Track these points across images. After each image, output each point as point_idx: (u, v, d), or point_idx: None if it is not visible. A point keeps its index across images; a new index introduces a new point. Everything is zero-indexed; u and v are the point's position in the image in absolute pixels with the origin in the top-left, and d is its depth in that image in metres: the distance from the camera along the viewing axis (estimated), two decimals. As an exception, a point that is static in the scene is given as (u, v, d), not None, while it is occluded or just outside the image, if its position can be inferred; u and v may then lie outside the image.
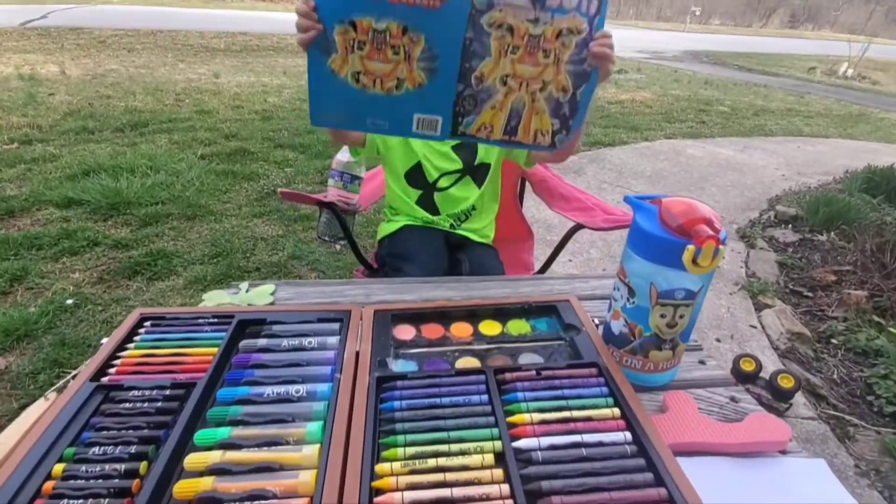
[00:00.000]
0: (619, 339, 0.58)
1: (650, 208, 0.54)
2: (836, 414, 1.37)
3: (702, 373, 0.62)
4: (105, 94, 4.56)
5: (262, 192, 2.56)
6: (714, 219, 0.51)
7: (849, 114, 6.52)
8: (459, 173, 1.02)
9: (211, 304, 0.68)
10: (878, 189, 2.98)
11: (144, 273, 1.81)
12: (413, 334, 0.62)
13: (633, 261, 0.54)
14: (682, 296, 0.52)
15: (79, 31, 8.42)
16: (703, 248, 0.48)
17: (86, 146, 3.11)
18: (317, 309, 0.65)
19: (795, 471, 0.49)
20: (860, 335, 1.66)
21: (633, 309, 0.55)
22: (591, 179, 3.15)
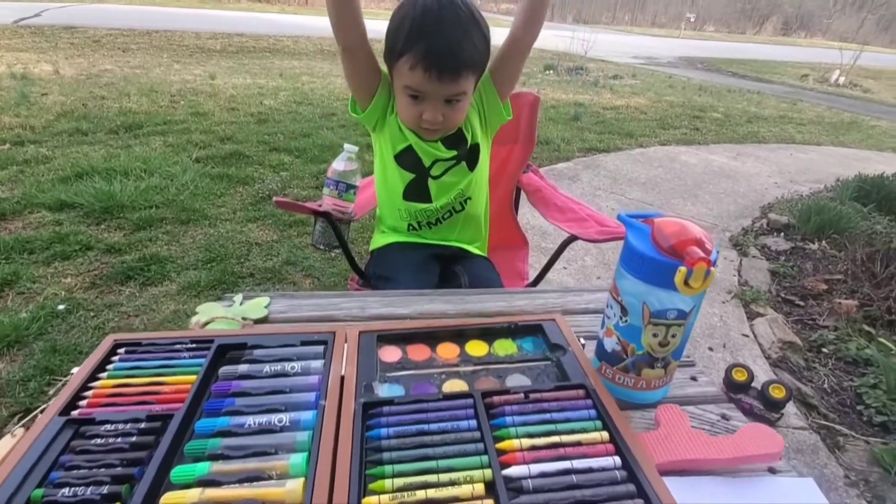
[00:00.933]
0: (611, 356, 0.58)
1: (643, 228, 0.54)
2: (826, 424, 1.38)
3: (694, 389, 0.63)
4: (99, 94, 4.53)
5: (256, 197, 2.55)
6: (706, 239, 0.51)
7: (840, 121, 6.60)
8: (455, 160, 1.00)
9: (204, 318, 0.68)
10: (868, 198, 3.01)
11: (137, 278, 1.80)
12: (399, 356, 0.61)
13: (625, 279, 0.54)
14: (674, 316, 0.53)
15: (73, 30, 8.37)
16: (695, 269, 0.48)
17: (79, 148, 3.09)
18: (299, 331, 0.63)
19: (785, 491, 0.50)
20: (850, 344, 1.68)
21: (625, 327, 0.55)
22: (585, 186, 3.17)
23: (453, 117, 0.92)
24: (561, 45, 8.79)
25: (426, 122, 0.90)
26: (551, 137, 4.10)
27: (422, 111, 0.89)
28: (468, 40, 0.85)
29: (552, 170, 3.43)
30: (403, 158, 0.99)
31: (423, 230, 1.07)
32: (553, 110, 5.32)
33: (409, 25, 0.84)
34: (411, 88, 0.87)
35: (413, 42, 0.83)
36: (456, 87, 0.87)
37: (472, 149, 1.01)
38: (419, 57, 0.83)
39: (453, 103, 0.90)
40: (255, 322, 0.69)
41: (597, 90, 6.89)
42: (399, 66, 0.87)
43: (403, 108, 0.92)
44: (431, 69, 0.83)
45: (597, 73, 8.21)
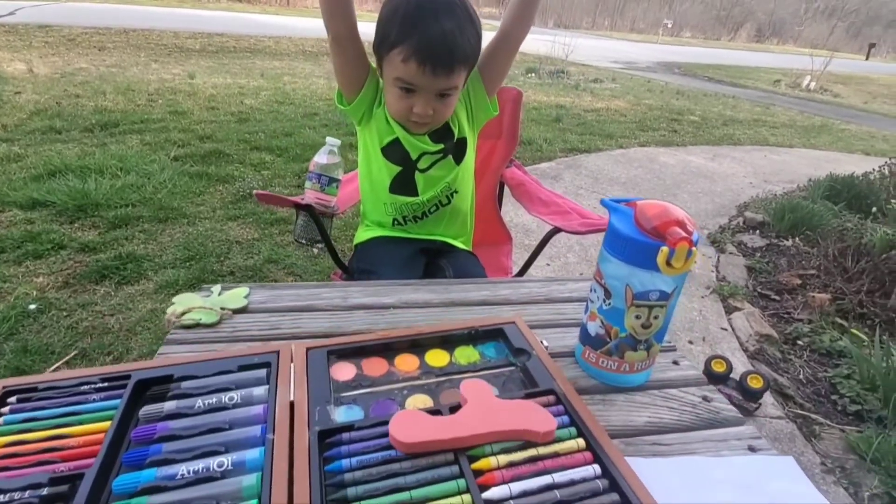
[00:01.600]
0: (595, 340, 0.59)
1: (626, 211, 0.55)
2: (802, 413, 1.42)
3: (675, 373, 0.64)
4: (74, 93, 4.41)
5: (237, 195, 2.51)
6: (687, 221, 0.52)
7: (812, 125, 6.82)
8: (441, 154, 0.99)
9: (181, 308, 0.66)
10: (839, 196, 3.12)
11: (113, 277, 1.75)
12: (354, 373, 0.55)
13: (609, 262, 0.55)
14: (657, 297, 0.53)
15: (47, 29, 8.13)
16: (677, 249, 0.49)
17: (52, 146, 3.00)
18: (236, 354, 0.55)
19: (764, 469, 0.51)
20: (824, 337, 1.73)
21: (609, 310, 0.56)
22: (568, 185, 3.20)
23: (443, 111, 0.91)
24: (542, 49, 8.88)
25: (416, 115, 0.89)
26: (534, 138, 4.13)
27: (412, 104, 0.88)
28: (462, 35, 0.84)
29: (535, 169, 3.46)
30: (390, 151, 0.98)
31: (409, 225, 1.06)
32: (535, 112, 5.37)
33: (402, 16, 0.83)
34: (403, 81, 0.86)
35: (406, 34, 0.82)
36: (448, 82, 0.86)
37: (458, 142, 1.01)
38: (413, 50, 0.81)
39: (444, 97, 0.89)
40: (234, 312, 0.67)
41: (578, 93, 6.99)
42: (391, 58, 0.85)
43: (393, 101, 0.90)
44: (426, 63, 0.82)
45: (577, 76, 8.32)
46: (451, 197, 1.03)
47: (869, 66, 19.79)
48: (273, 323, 0.66)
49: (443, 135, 0.99)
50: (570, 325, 0.70)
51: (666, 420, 0.56)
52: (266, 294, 0.73)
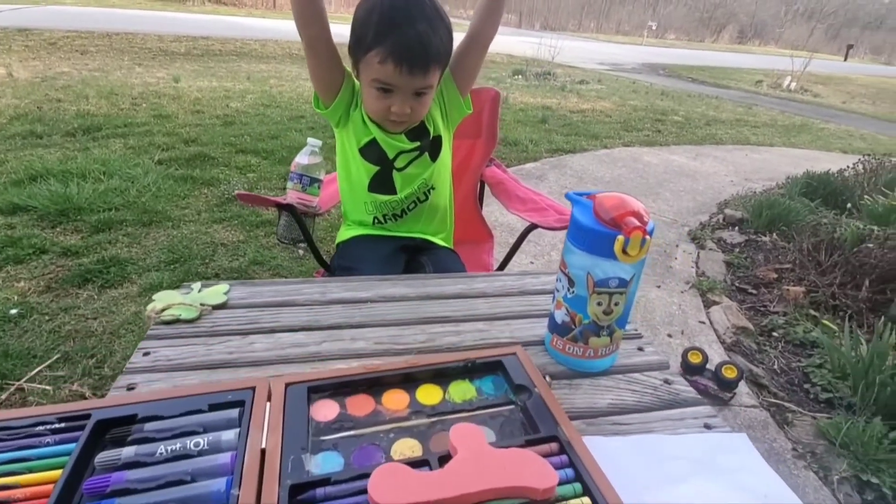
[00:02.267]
0: (561, 327, 0.61)
1: (586, 203, 0.57)
2: (776, 402, 1.46)
3: (640, 358, 0.66)
4: (55, 97, 4.36)
5: (222, 198, 2.50)
6: (643, 212, 0.55)
7: (792, 124, 6.97)
8: (418, 151, 1.02)
9: (161, 304, 0.67)
10: (815, 193, 3.20)
11: (96, 281, 1.75)
12: (337, 412, 0.50)
13: (572, 253, 0.58)
14: (616, 284, 0.56)
15: (27, 33, 8.00)
16: (631, 238, 0.52)
17: (33, 151, 2.97)
18: (208, 390, 0.50)
19: (718, 444, 0.54)
20: (798, 328, 1.78)
21: (573, 298, 0.58)
22: (552, 184, 3.24)
23: (420, 110, 0.94)
24: (529, 51, 8.97)
25: (394, 114, 0.91)
26: (519, 139, 4.18)
27: (390, 104, 0.90)
28: (436, 34, 0.87)
29: (520, 170, 3.50)
30: (368, 151, 1.01)
31: (389, 223, 1.08)
32: (522, 113, 5.42)
33: (377, 19, 0.85)
34: (380, 82, 0.88)
35: (382, 36, 0.85)
36: (424, 81, 0.89)
37: (434, 140, 1.04)
38: (389, 51, 0.84)
39: (420, 96, 0.92)
40: (213, 308, 0.69)
41: (564, 94, 7.07)
42: (368, 60, 0.88)
43: (371, 101, 0.93)
44: (402, 64, 0.84)
45: (564, 78, 8.41)
46: (428, 193, 1.06)
47: (847, 67, 20.27)
48: (252, 318, 0.68)
49: (419, 133, 1.02)
50: (542, 316, 0.73)
51: (628, 402, 0.59)
52: (246, 290, 0.74)
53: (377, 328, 0.68)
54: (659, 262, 2.34)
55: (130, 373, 0.57)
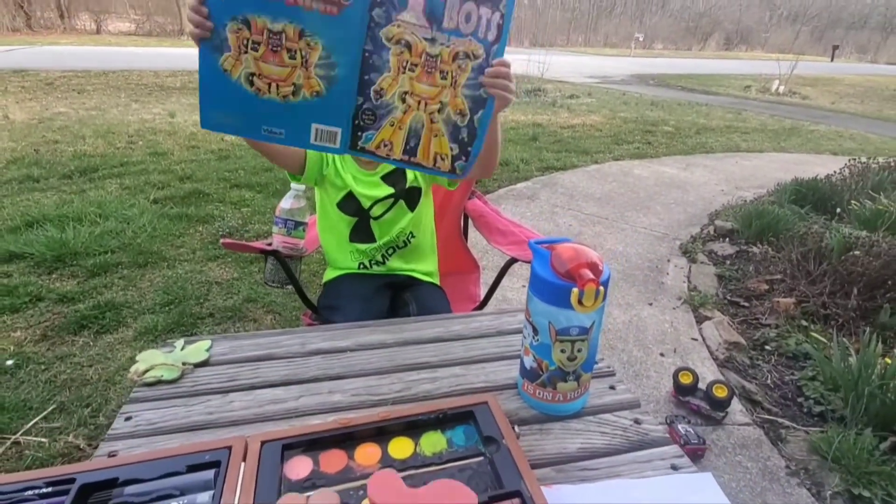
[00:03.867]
0: (530, 373, 0.63)
1: (544, 254, 0.60)
2: (769, 418, 1.46)
3: (611, 398, 0.68)
4: (52, 138, 4.44)
5: (216, 235, 2.54)
6: (598, 262, 0.57)
7: (782, 128, 7.04)
8: (392, 198, 1.06)
9: (143, 365, 0.69)
10: (805, 199, 3.23)
11: (91, 327, 1.76)
12: (310, 469, 0.52)
13: (533, 302, 0.60)
14: (577, 332, 0.58)
15: (23, 74, 8.18)
16: (586, 290, 0.54)
17: (30, 195, 3.02)
18: (189, 451, 0.52)
19: (684, 486, 0.55)
20: (790, 340, 1.79)
21: (538, 346, 0.60)
22: (544, 204, 3.28)
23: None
24: (518, 68, 9.10)
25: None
26: (511, 159, 4.23)
27: None
28: None
29: (512, 190, 3.54)
30: (345, 205, 1.05)
31: (373, 267, 1.11)
32: (513, 132, 5.50)
33: None
34: None
35: None
36: None
37: (410, 190, 1.07)
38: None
39: None
40: (195, 366, 0.71)
41: (554, 110, 7.17)
42: None
43: None
44: None
45: (554, 93, 8.55)
46: (408, 241, 1.09)
47: (834, 68, 20.54)
48: (232, 374, 0.70)
49: (395, 179, 1.05)
50: (517, 357, 0.74)
51: (597, 445, 0.60)
52: (227, 345, 0.76)
53: (354, 379, 0.70)
54: (651, 278, 2.36)
55: (112, 439, 0.59)
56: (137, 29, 19.83)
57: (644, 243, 2.77)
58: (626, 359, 1.71)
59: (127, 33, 19.31)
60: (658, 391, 1.54)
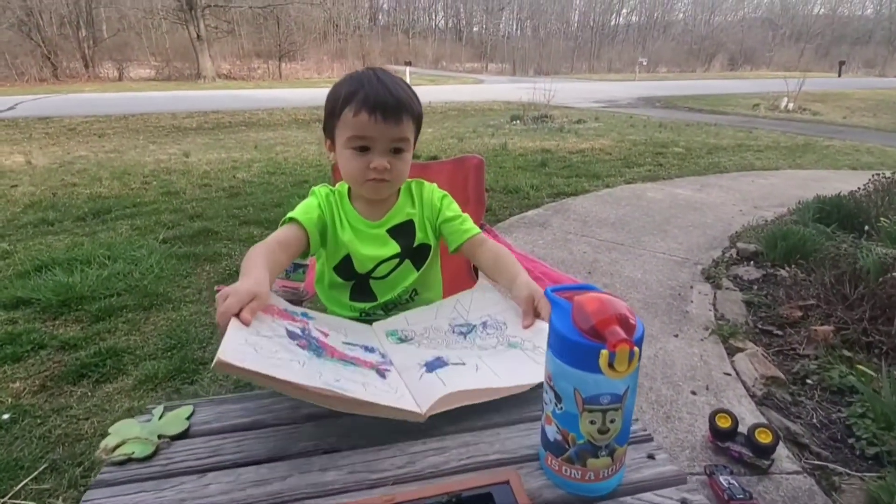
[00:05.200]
0: (554, 446, 0.54)
1: (564, 306, 0.51)
2: (819, 463, 1.32)
3: (650, 471, 0.58)
4: (71, 181, 4.55)
5: (223, 274, 2.50)
6: (629, 314, 0.49)
7: (795, 144, 6.93)
8: (398, 258, 0.98)
9: (115, 440, 0.62)
10: (830, 218, 3.09)
11: (91, 375, 1.70)
12: None
13: (554, 363, 0.51)
14: (608, 401, 0.49)
15: (48, 121, 8.53)
16: (617, 352, 0.45)
17: (43, 239, 3.04)
18: None
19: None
20: (833, 372, 1.64)
21: (562, 415, 0.51)
22: (556, 231, 3.20)
23: (399, 167, 0.92)
24: (525, 96, 9.22)
25: (374, 171, 0.89)
26: (520, 186, 4.19)
27: (369, 160, 0.89)
28: (404, 92, 0.90)
29: (522, 218, 3.47)
30: (342, 269, 0.98)
31: (375, 316, 1.04)
32: (521, 158, 5.48)
33: (346, 87, 0.89)
34: (357, 138, 0.88)
35: (354, 93, 0.87)
36: (399, 131, 0.88)
37: (419, 248, 1.00)
38: (362, 102, 0.86)
39: (398, 153, 0.91)
40: (172, 439, 0.63)
41: (562, 135, 7.17)
42: (342, 119, 0.88)
43: (348, 163, 0.90)
44: (376, 111, 0.85)
45: (561, 119, 8.59)
46: (413, 297, 1.02)
47: (843, 83, 20.45)
48: (213, 448, 0.62)
49: (404, 233, 0.98)
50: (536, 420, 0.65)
51: (639, 536, 0.50)
52: (211, 412, 0.68)
53: (350, 453, 0.61)
54: (674, 307, 2.23)
55: (69, 536, 0.51)
56: (157, 74, 20.80)
57: (664, 269, 2.66)
58: (654, 398, 1.58)
59: (147, 79, 20.25)
60: (692, 435, 1.41)
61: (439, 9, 44.86)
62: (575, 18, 43.35)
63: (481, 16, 43.22)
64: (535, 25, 42.47)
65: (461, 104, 11.40)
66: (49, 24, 19.30)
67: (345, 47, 29.02)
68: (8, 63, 17.26)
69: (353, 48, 29.12)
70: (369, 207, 0.98)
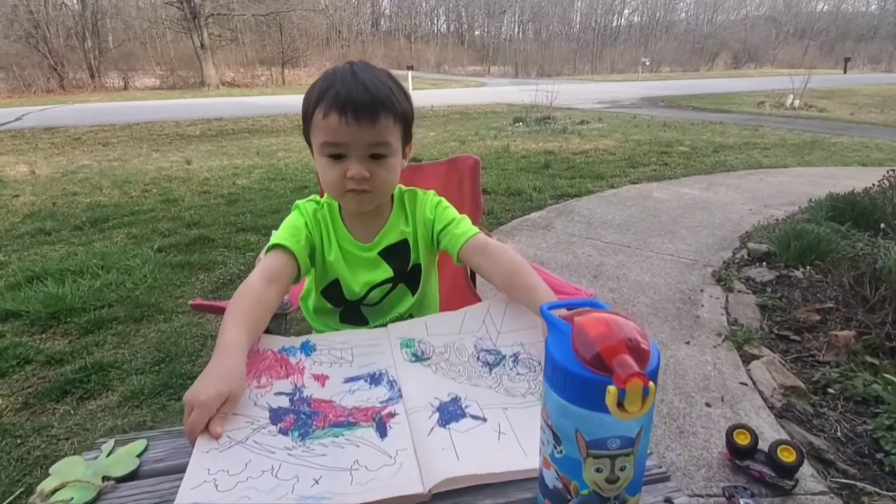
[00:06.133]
0: (554, 495, 0.45)
1: (563, 328, 0.43)
2: (847, 482, 1.22)
3: (668, 518, 0.49)
4: (72, 190, 4.52)
5: (217, 283, 2.44)
6: (641, 339, 0.41)
7: (803, 142, 6.79)
8: (391, 283, 0.89)
9: (53, 483, 0.54)
10: (844, 216, 2.98)
11: (75, 392, 1.64)
12: None
13: (552, 398, 0.43)
14: (618, 445, 0.41)
15: (53, 131, 8.57)
16: (628, 389, 0.37)
17: (39, 249, 3.00)
18: None
19: None
20: (856, 381, 1.54)
21: (562, 459, 0.43)
22: (560, 233, 3.11)
23: (382, 176, 0.80)
24: (527, 98, 9.15)
25: (352, 180, 0.78)
26: (523, 188, 4.10)
27: (345, 169, 0.78)
28: (383, 85, 0.78)
29: (525, 220, 3.39)
30: (329, 294, 0.91)
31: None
32: (524, 160, 5.40)
33: (320, 84, 0.79)
34: (329, 144, 0.77)
35: (325, 92, 0.76)
36: (376, 134, 0.76)
37: (414, 270, 0.91)
38: (331, 102, 0.75)
39: (379, 159, 0.79)
40: (118, 481, 0.55)
41: (565, 136, 7.08)
42: (314, 124, 0.78)
43: (325, 173, 0.80)
44: (346, 111, 0.74)
45: (564, 120, 8.49)
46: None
47: (849, 79, 20.21)
48: (162, 493, 0.54)
49: (397, 255, 0.89)
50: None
51: None
52: (166, 446, 0.61)
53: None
54: (684, 311, 2.14)
55: None
56: (162, 83, 20.97)
57: (672, 272, 2.56)
58: (665, 412, 1.49)
59: (152, 88, 20.41)
60: (708, 452, 1.32)
61: (441, 13, 45.03)
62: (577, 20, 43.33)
63: (483, 19, 43.32)
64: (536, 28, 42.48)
65: (463, 107, 11.34)
66: (56, 36, 19.51)
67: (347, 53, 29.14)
68: (16, 75, 17.47)
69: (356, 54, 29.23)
70: (360, 225, 0.89)
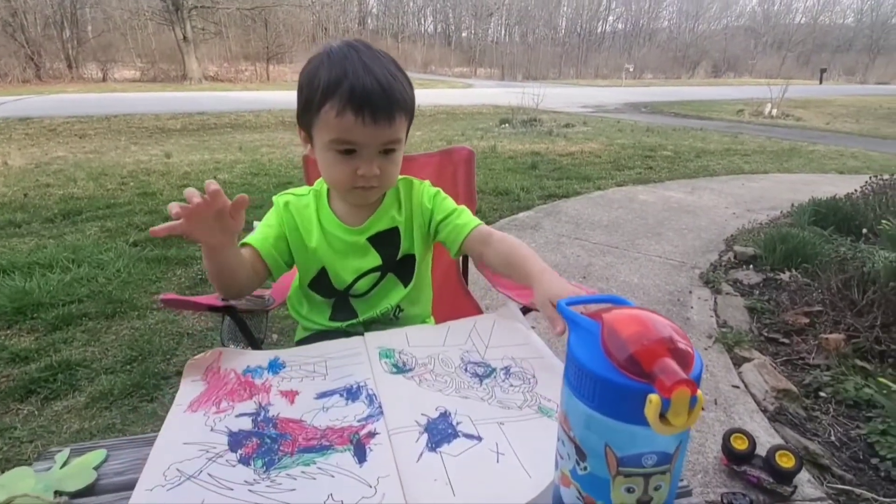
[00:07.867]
0: (573, 512, 0.40)
1: (589, 327, 0.38)
2: (843, 488, 1.21)
3: (694, 536, 0.45)
4: (45, 182, 4.33)
5: (194, 279, 2.34)
6: (680, 339, 0.36)
7: (781, 149, 6.94)
8: (380, 272, 0.85)
9: (2, 496, 0.47)
10: (826, 220, 3.03)
11: (40, 392, 1.53)
12: None
13: (575, 405, 0.38)
14: (654, 462, 0.36)
15: (28, 121, 8.24)
16: (673, 399, 0.32)
17: (7, 242, 2.84)
18: None
19: None
20: (848, 384, 1.54)
21: (586, 477, 0.38)
22: (549, 234, 3.08)
23: (390, 171, 0.77)
24: (514, 100, 9.16)
25: (362, 178, 0.74)
26: (511, 188, 4.08)
27: (355, 166, 0.74)
28: (396, 80, 0.73)
29: (514, 220, 3.36)
30: (318, 285, 0.86)
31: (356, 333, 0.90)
32: (511, 161, 5.38)
33: (326, 71, 0.71)
34: (341, 141, 0.72)
35: (335, 85, 0.69)
36: (391, 132, 0.73)
37: (404, 260, 0.86)
38: (346, 99, 0.69)
39: (388, 154, 0.76)
40: (72, 497, 0.49)
41: (552, 139, 7.10)
42: (322, 118, 0.72)
43: (331, 168, 0.75)
44: (363, 110, 0.69)
45: (550, 123, 8.52)
46: (396, 316, 0.89)
47: (824, 90, 20.85)
48: (125, 511, 0.48)
49: (387, 242, 0.84)
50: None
51: None
52: (128, 457, 0.54)
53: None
54: (674, 313, 2.13)
55: None
56: (142, 76, 20.40)
57: (661, 273, 2.55)
58: (659, 414, 1.46)
59: (132, 80, 19.83)
60: (704, 456, 1.29)
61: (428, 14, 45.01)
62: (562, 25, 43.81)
63: (470, 21, 43.44)
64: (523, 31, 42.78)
65: (450, 108, 11.31)
66: (33, 24, 18.82)
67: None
68: (-9, 64, 16.79)
69: (342, 51, 28.97)
70: (350, 210, 0.84)
